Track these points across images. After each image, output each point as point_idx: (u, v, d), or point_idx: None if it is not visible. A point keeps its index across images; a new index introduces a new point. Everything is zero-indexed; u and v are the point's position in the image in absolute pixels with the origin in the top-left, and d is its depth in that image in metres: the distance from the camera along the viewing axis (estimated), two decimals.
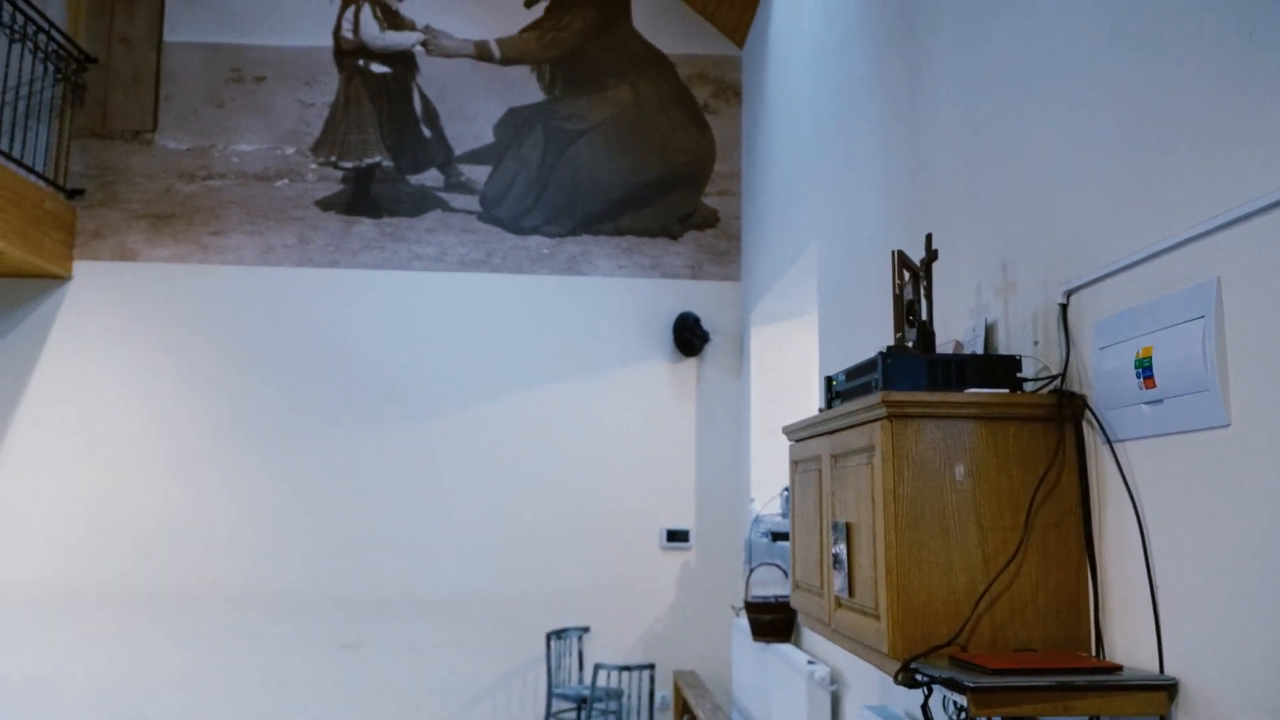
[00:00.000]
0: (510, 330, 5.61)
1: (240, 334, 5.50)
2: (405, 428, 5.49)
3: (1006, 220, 2.19)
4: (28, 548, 5.29)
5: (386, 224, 5.65)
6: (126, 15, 5.73)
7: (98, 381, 5.42)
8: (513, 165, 5.73)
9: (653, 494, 5.54)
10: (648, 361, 5.63)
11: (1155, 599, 1.60)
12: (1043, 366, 2.00)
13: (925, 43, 2.76)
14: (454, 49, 5.80)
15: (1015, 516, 1.82)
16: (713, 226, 5.76)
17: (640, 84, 5.83)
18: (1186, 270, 1.53)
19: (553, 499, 5.50)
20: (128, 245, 5.55)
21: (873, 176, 3.22)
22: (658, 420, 5.59)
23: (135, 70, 5.69)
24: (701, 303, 5.70)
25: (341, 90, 5.74)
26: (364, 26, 5.79)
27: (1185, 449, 1.53)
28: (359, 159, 5.69)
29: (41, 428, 5.37)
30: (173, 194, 5.61)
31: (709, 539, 5.54)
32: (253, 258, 5.58)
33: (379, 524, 5.42)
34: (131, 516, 5.34)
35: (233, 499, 5.38)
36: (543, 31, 5.84)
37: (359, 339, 5.54)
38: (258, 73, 5.72)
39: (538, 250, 5.68)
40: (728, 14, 5.69)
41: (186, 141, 5.65)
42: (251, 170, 5.65)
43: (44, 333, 5.44)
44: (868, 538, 1.93)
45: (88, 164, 5.60)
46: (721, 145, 5.82)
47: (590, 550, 5.47)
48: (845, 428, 2.09)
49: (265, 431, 5.43)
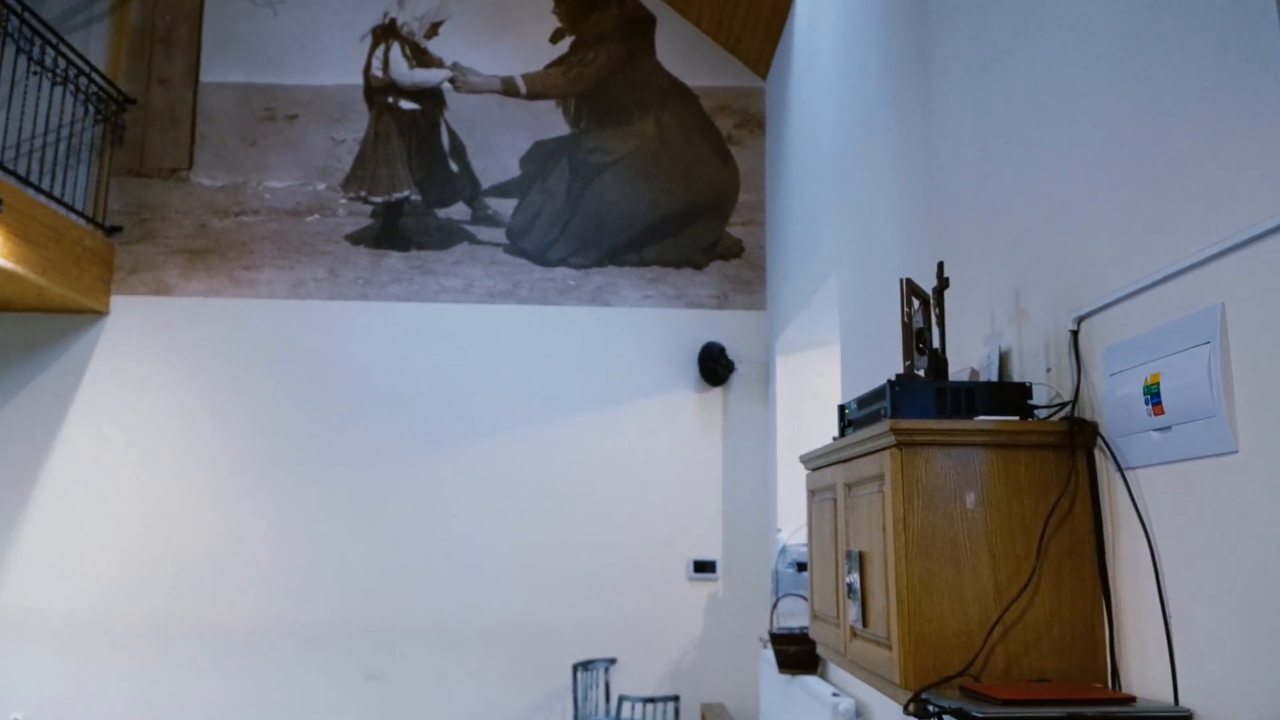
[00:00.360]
0: (537, 361, 5.65)
1: (272, 366, 5.59)
2: (433, 458, 5.53)
3: (1019, 247, 2.19)
4: (62, 578, 5.38)
5: (415, 257, 5.73)
6: (165, 57, 5.89)
7: (133, 415, 5.53)
8: (539, 198, 5.79)
9: (679, 524, 5.53)
10: (673, 391, 5.64)
11: (1169, 629, 1.58)
12: (1055, 394, 1.99)
13: (938, 74, 2.78)
14: (481, 85, 5.90)
15: (1027, 545, 1.81)
16: (738, 256, 5.78)
17: (664, 116, 5.88)
18: (1191, 296, 1.52)
19: (580, 529, 5.50)
20: (164, 280, 5.67)
21: (890, 206, 3.23)
22: (684, 450, 5.59)
23: (172, 110, 5.84)
24: (727, 332, 5.70)
25: (371, 127, 5.85)
26: (393, 64, 5.90)
27: (1195, 476, 1.52)
28: (388, 194, 5.79)
29: (78, 460, 5.48)
30: (207, 230, 5.73)
31: (736, 570, 5.51)
32: (284, 291, 5.67)
33: (406, 554, 5.45)
34: (163, 547, 5.41)
35: (262, 529, 5.44)
36: (568, 67, 5.92)
37: (388, 371, 5.61)
38: (290, 111, 5.85)
39: (564, 281, 5.73)
40: (750, 46, 5.75)
41: (221, 179, 5.78)
42: (283, 206, 5.76)
43: (82, 366, 5.56)
44: (879, 567, 1.93)
45: (126, 201, 5.74)
46: (745, 175, 5.86)
47: (617, 581, 5.46)
48: (857, 456, 2.09)
49: (295, 462, 5.50)
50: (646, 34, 5.96)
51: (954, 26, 2.66)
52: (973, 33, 2.52)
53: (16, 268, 4.74)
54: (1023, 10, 2.21)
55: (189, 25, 5.92)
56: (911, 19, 3.05)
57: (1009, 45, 2.28)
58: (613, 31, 5.96)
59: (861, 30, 3.67)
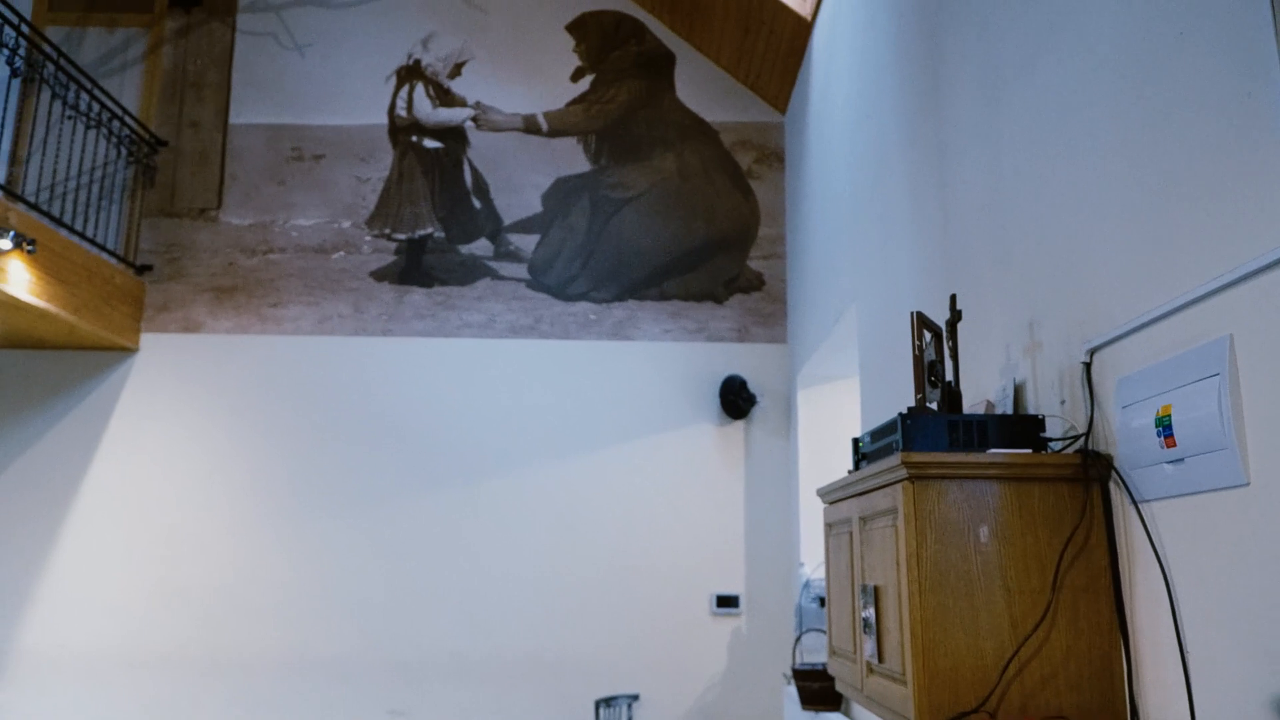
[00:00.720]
0: (558, 395, 5.68)
1: (297, 402, 5.65)
2: (455, 492, 5.56)
3: (1032, 278, 2.19)
4: (88, 613, 5.43)
5: (438, 293, 5.79)
6: (195, 100, 6.03)
7: (161, 450, 5.60)
8: (560, 234, 5.85)
9: (702, 559, 5.51)
10: (695, 425, 5.64)
11: (1186, 664, 1.56)
12: (1070, 426, 1.98)
13: (950, 110, 2.79)
14: (503, 123, 5.98)
15: (1043, 579, 1.80)
16: (758, 289, 5.80)
17: (684, 152, 5.94)
18: (1200, 328, 1.52)
19: (602, 564, 5.49)
20: (192, 317, 5.76)
21: (905, 239, 3.24)
22: (706, 484, 5.58)
23: (203, 151, 5.97)
24: (748, 366, 5.71)
25: (395, 165, 5.94)
26: (417, 104, 6.01)
27: (1207, 509, 1.50)
28: (412, 231, 5.86)
29: (105, 496, 5.55)
30: (235, 268, 5.82)
31: (759, 605, 5.47)
32: (310, 327, 5.74)
33: (428, 588, 5.46)
34: (189, 582, 5.46)
35: (287, 564, 5.47)
36: (589, 104, 6.00)
37: (411, 405, 5.65)
38: (317, 151, 5.96)
39: (585, 316, 5.77)
40: (769, 82, 5.80)
41: (249, 218, 5.89)
42: (309, 244, 5.85)
43: (111, 403, 5.65)
44: (894, 601, 1.92)
45: (156, 241, 5.86)
46: (765, 209, 5.89)
47: (640, 616, 5.44)
48: (871, 489, 2.08)
49: (319, 496, 5.54)
50: (666, 71, 6.04)
51: (964, 64, 2.68)
52: (982, 70, 2.54)
53: (49, 306, 4.84)
54: (1029, 48, 2.23)
55: (219, 69, 6.06)
56: (923, 57, 3.07)
57: (1017, 82, 2.30)
58: (633, 69, 6.04)
59: (876, 67, 3.71)
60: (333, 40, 6.09)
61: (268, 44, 6.09)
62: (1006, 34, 2.39)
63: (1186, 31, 1.58)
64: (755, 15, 5.32)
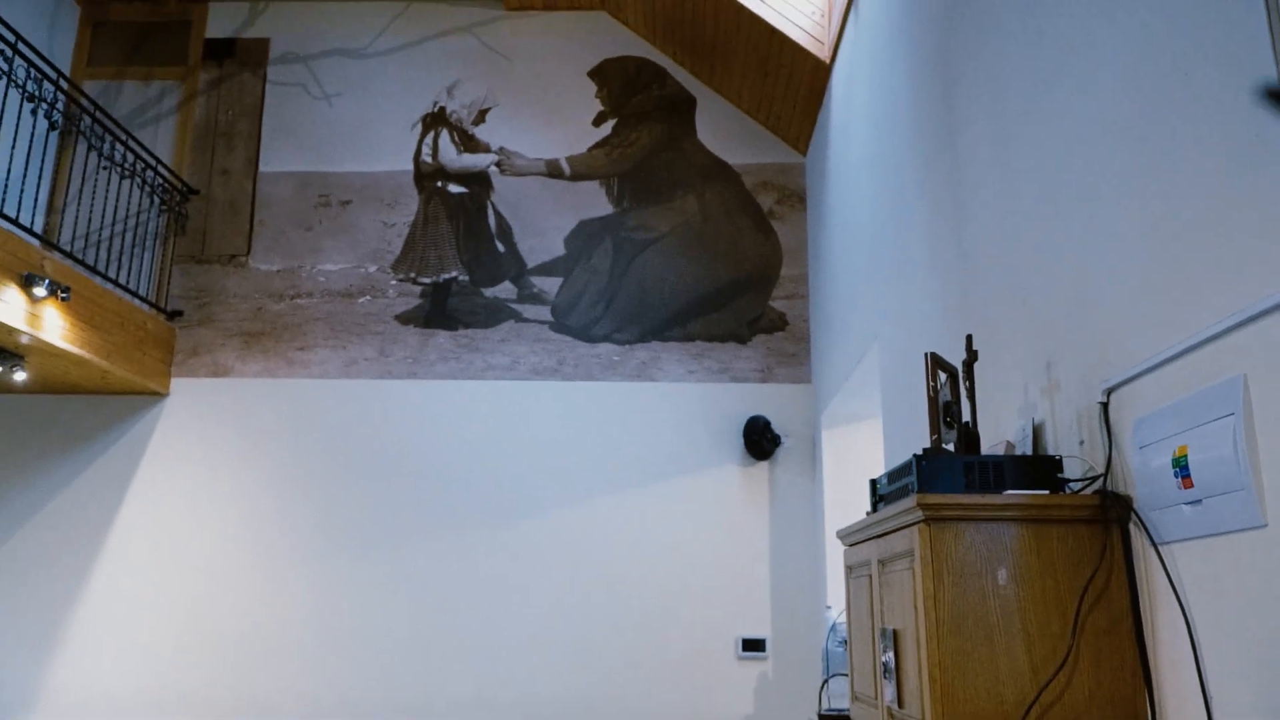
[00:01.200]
0: (582, 437, 5.68)
1: (323, 445, 5.69)
2: (479, 534, 5.56)
3: (1048, 318, 2.19)
4: (119, 656, 5.46)
5: (462, 335, 5.84)
6: (226, 149, 6.16)
7: (189, 494, 5.65)
8: (583, 276, 5.89)
9: (727, 601, 5.46)
10: (719, 466, 5.62)
11: (1209, 708, 1.53)
12: (1089, 467, 1.96)
13: (964, 148, 2.81)
14: (526, 168, 6.06)
15: (1063, 622, 1.77)
16: (781, 330, 5.80)
17: (706, 193, 5.98)
18: (1214, 367, 1.51)
19: (626, 606, 5.46)
20: (221, 362, 5.84)
21: (923, 279, 3.24)
22: (730, 525, 5.55)
23: (233, 199, 6.09)
24: (772, 406, 5.69)
25: (421, 210, 6.03)
26: (442, 150, 6.10)
27: (1227, 551, 1.48)
28: (436, 274, 5.93)
29: (137, 538, 5.60)
30: (263, 313, 5.91)
31: (786, 648, 5.41)
32: (336, 371, 5.80)
33: (454, 631, 5.44)
34: (217, 625, 5.48)
35: (313, 606, 5.49)
36: (611, 148, 6.07)
37: (436, 447, 5.68)
38: (344, 197, 6.06)
39: (608, 357, 5.79)
40: (789, 124, 5.84)
41: (277, 263, 5.98)
42: (336, 288, 5.93)
43: (141, 447, 5.72)
44: (912, 645, 1.89)
45: (186, 287, 5.96)
46: (788, 249, 5.90)
47: (664, 659, 5.39)
48: (889, 531, 2.07)
49: (345, 539, 5.56)
50: (687, 114, 6.10)
51: (976, 105, 2.70)
52: (994, 111, 2.55)
53: (83, 352, 4.93)
54: (1040, 89, 2.24)
55: (250, 119, 6.20)
56: (937, 99, 3.10)
57: (1028, 123, 2.31)
58: (654, 113, 6.11)
59: (892, 109, 3.73)
60: (361, 89, 6.22)
61: (297, 94, 6.23)
62: (1017, 75, 2.40)
63: (1192, 71, 1.59)
64: (774, 59, 5.38)
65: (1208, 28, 1.55)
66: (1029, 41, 2.34)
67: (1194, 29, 1.59)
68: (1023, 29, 2.38)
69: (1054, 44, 2.19)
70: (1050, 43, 2.21)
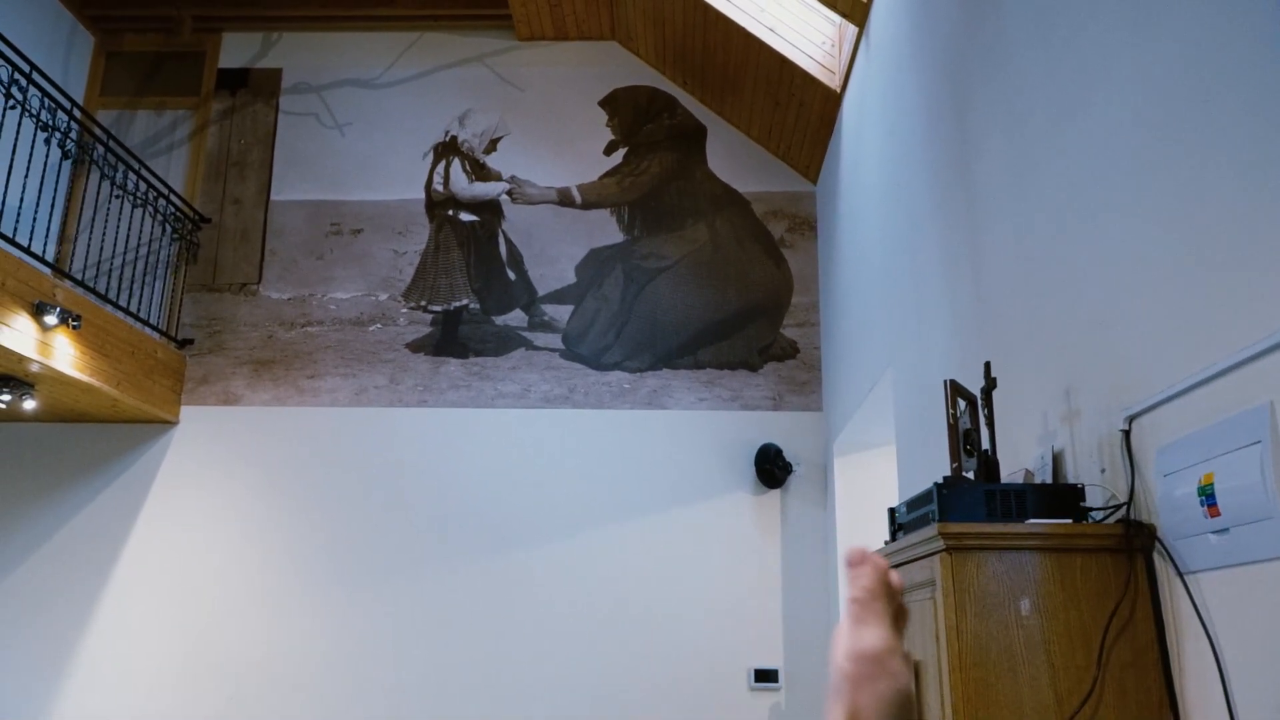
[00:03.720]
0: (593, 465, 5.66)
1: (334, 473, 5.68)
2: (489, 563, 5.52)
3: (1067, 345, 2.17)
4: (126, 687, 5.42)
5: (473, 364, 5.84)
6: (239, 178, 6.20)
7: (199, 523, 5.63)
8: (594, 304, 5.89)
9: (739, 631, 5.40)
10: (730, 494, 5.59)
11: None
12: (1111, 495, 1.94)
13: (980, 175, 2.80)
14: (538, 196, 6.08)
15: (1087, 654, 1.74)
16: (792, 357, 5.78)
17: (717, 221, 5.99)
18: (1240, 394, 1.49)
19: (636, 636, 5.41)
20: (231, 390, 5.84)
21: (939, 307, 3.22)
22: (742, 554, 5.51)
23: (244, 228, 6.12)
24: (783, 434, 5.67)
25: (432, 238, 6.05)
26: (454, 179, 6.13)
27: (1256, 580, 1.46)
28: (447, 302, 5.94)
29: (145, 568, 5.58)
30: (274, 341, 5.92)
31: (800, 679, 5.34)
32: (346, 399, 5.80)
33: (460, 660, 5.40)
34: (225, 657, 5.44)
35: (321, 638, 5.45)
36: (622, 176, 6.09)
37: (446, 476, 5.66)
38: (355, 225, 6.09)
39: (619, 385, 5.77)
40: (800, 153, 5.86)
41: (288, 291, 6.00)
42: (347, 316, 5.94)
43: (151, 476, 5.71)
44: (934, 677, 1.86)
45: (197, 315, 5.98)
46: (798, 277, 5.90)
47: (675, 690, 5.33)
48: (909, 561, 2.04)
49: (355, 569, 5.53)
50: (698, 143, 6.12)
51: (992, 132, 2.70)
52: (1010, 137, 2.55)
53: (93, 380, 4.93)
54: (1056, 115, 2.24)
55: (262, 148, 6.24)
56: (952, 126, 3.10)
57: (1045, 148, 2.31)
58: (665, 142, 6.14)
59: (905, 137, 3.74)
60: (372, 119, 6.26)
61: (309, 123, 6.27)
62: (1033, 103, 2.40)
63: (1212, 98, 1.58)
64: (785, 89, 5.41)
65: (1228, 54, 1.54)
66: (1046, 69, 2.34)
67: (1214, 56, 1.59)
68: (1039, 57, 2.38)
69: (1071, 71, 2.18)
70: (1067, 70, 2.21)
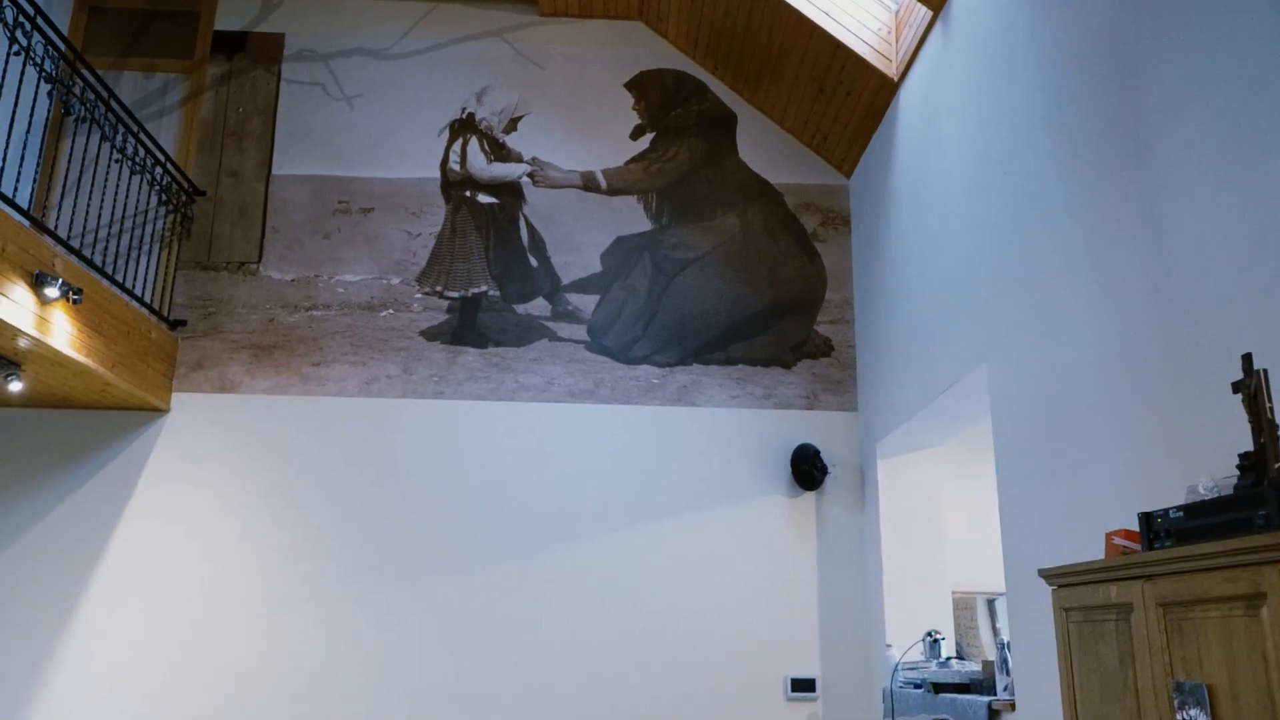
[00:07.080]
0: (619, 463, 5.38)
1: (340, 468, 5.28)
2: (508, 566, 5.19)
3: None
4: (113, 692, 4.93)
5: (492, 354, 5.50)
6: (236, 149, 5.75)
7: (190, 520, 5.18)
8: (620, 294, 5.61)
9: (774, 638, 5.18)
10: (764, 495, 5.37)
11: None
12: None
13: (1163, 149, 2.61)
14: (561, 180, 5.78)
15: None
16: (827, 355, 5.59)
17: (747, 212, 5.77)
18: None
19: (667, 643, 5.14)
20: (228, 376, 5.40)
21: (1080, 296, 3.04)
22: (777, 558, 5.29)
23: (243, 203, 5.67)
24: (817, 434, 5.47)
25: (448, 220, 5.69)
26: (471, 159, 5.79)
27: None
28: (465, 289, 5.59)
29: (132, 566, 5.10)
30: (275, 325, 5.49)
31: (838, 688, 5.15)
32: (355, 389, 5.41)
33: (476, 666, 5.06)
34: (218, 657, 5.00)
35: (324, 642, 5.05)
36: (649, 162, 5.82)
37: (463, 472, 5.31)
38: (364, 204, 5.69)
39: (647, 380, 5.51)
40: (836, 146, 5.68)
41: (291, 272, 5.58)
42: (356, 300, 5.55)
43: (138, 468, 5.23)
44: (1250, 704, 1.66)
45: (191, 295, 5.51)
46: (832, 273, 5.71)
47: (709, 700, 5.08)
48: (1192, 570, 1.84)
49: (360, 569, 5.15)
50: (728, 131, 5.90)
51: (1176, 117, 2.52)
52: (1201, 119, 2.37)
53: (88, 361, 4.47)
54: None
55: (263, 118, 5.80)
56: (1117, 100, 2.91)
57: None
58: (694, 128, 5.89)
59: (1010, 126, 3.56)
60: (383, 92, 5.87)
61: (315, 94, 5.85)
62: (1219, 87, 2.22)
63: None
64: (834, 76, 5.21)
65: None
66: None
67: None
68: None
69: None
70: None
